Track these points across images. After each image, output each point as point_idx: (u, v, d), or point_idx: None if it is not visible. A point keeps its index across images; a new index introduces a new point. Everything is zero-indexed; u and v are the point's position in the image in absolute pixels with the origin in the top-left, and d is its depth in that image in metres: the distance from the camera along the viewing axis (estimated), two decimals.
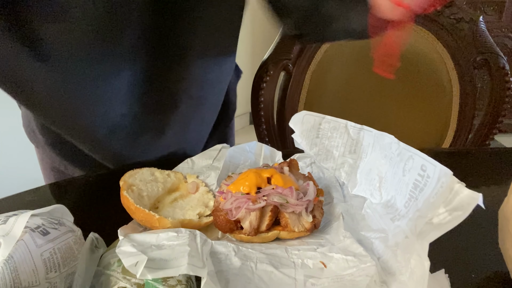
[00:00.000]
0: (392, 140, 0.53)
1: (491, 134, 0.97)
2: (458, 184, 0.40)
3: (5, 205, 0.60)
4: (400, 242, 0.44)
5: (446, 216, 0.39)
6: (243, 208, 0.48)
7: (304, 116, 0.58)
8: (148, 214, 0.48)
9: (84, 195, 0.66)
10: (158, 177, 0.59)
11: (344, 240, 0.47)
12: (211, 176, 0.62)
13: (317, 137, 0.59)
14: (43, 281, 0.36)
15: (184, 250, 0.39)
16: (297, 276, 0.42)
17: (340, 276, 0.42)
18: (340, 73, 1.04)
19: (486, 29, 0.94)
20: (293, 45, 0.97)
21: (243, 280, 0.41)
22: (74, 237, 0.41)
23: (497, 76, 0.93)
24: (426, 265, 0.38)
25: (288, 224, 0.49)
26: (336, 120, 0.58)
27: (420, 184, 0.45)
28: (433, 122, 1.03)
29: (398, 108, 1.04)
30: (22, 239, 0.35)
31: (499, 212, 0.46)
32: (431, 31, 0.97)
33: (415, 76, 1.01)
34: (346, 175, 0.58)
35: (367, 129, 0.57)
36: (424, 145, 1.02)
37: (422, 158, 0.46)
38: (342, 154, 0.58)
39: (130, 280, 0.38)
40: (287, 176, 0.54)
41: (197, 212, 0.54)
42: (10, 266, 0.34)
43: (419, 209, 0.44)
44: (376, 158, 0.55)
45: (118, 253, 0.39)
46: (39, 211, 0.40)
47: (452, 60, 0.97)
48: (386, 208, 0.51)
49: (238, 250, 0.45)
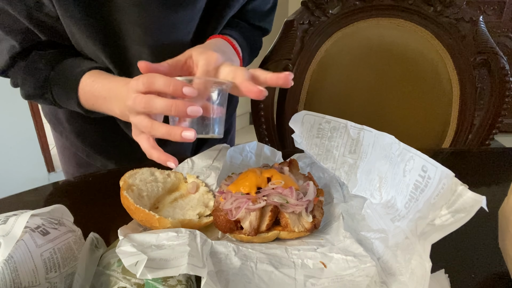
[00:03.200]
0: (393, 140, 0.53)
1: (491, 134, 0.97)
2: (461, 186, 0.40)
3: (5, 205, 0.60)
4: (400, 242, 0.44)
5: (449, 218, 0.39)
6: (243, 208, 0.48)
7: (304, 116, 0.58)
8: (148, 214, 0.48)
9: (84, 195, 0.66)
10: (158, 177, 0.59)
11: (344, 240, 0.47)
12: (211, 176, 0.62)
13: (317, 137, 0.59)
14: (43, 281, 0.36)
15: (184, 250, 0.39)
16: (297, 276, 0.42)
17: (340, 276, 0.42)
18: (340, 73, 1.03)
19: (486, 29, 0.94)
20: (293, 45, 0.97)
21: (243, 280, 0.41)
22: (74, 237, 0.41)
23: (497, 76, 0.93)
24: (427, 266, 0.38)
25: (288, 224, 0.49)
26: (336, 120, 0.58)
27: (421, 185, 0.45)
28: (433, 122, 1.03)
29: (398, 108, 1.04)
30: (22, 239, 0.35)
31: (499, 212, 0.46)
32: (431, 31, 0.97)
33: (415, 76, 1.01)
34: (346, 175, 0.58)
35: (367, 129, 0.57)
36: (424, 145, 1.02)
37: (423, 159, 0.46)
38: (342, 154, 0.58)
39: (130, 280, 0.38)
40: (287, 176, 0.54)
41: (197, 212, 0.54)
42: (10, 266, 0.34)
43: (420, 210, 0.44)
44: (376, 158, 0.55)
45: (118, 253, 0.39)
46: (39, 211, 0.39)
47: (452, 60, 0.97)
48: (386, 208, 0.51)
49: (238, 250, 0.45)
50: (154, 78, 0.46)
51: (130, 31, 0.61)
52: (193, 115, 0.45)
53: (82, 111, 0.62)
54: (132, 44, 0.63)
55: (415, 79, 1.02)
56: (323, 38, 1.00)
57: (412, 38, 0.99)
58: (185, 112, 0.44)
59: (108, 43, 0.62)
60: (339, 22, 0.99)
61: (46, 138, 2.02)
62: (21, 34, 0.61)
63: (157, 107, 0.45)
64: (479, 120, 0.98)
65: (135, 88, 0.47)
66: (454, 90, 0.99)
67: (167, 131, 0.46)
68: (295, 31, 0.96)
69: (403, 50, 1.00)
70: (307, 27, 0.97)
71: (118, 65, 0.65)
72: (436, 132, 1.04)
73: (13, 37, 0.60)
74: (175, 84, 0.45)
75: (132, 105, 0.47)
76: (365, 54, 1.02)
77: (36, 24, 0.59)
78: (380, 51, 1.01)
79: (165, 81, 0.45)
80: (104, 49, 0.62)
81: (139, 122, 0.47)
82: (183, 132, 0.45)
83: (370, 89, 1.05)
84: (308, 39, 0.98)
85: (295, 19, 0.96)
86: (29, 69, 0.63)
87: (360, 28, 1.00)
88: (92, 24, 0.59)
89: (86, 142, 0.80)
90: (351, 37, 1.01)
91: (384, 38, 1.00)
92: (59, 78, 0.61)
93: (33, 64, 0.62)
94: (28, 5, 0.56)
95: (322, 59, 1.02)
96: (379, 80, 1.03)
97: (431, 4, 0.94)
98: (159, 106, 0.45)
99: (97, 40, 0.61)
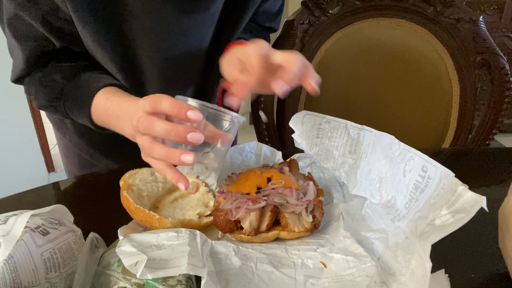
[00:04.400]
0: (393, 140, 0.53)
1: (491, 134, 0.97)
2: (461, 186, 0.40)
3: (5, 205, 0.60)
4: (400, 242, 0.44)
5: (449, 218, 0.39)
6: (243, 208, 0.48)
7: (304, 116, 0.58)
8: (148, 214, 0.48)
9: (84, 195, 0.66)
10: (158, 177, 0.59)
11: (344, 240, 0.47)
12: (211, 176, 0.62)
13: (317, 137, 0.59)
14: (43, 281, 0.36)
15: (184, 250, 0.39)
16: (297, 276, 0.42)
17: (340, 276, 0.42)
18: (340, 73, 1.03)
19: (486, 29, 0.94)
20: (293, 45, 0.97)
21: (243, 280, 0.41)
22: (74, 237, 0.41)
23: (497, 76, 0.93)
24: (427, 266, 0.38)
25: (288, 224, 0.49)
26: (336, 120, 0.58)
27: (421, 185, 0.45)
28: (433, 122, 1.03)
29: (398, 108, 1.04)
30: (22, 239, 0.35)
31: (499, 212, 0.46)
32: (431, 31, 0.97)
33: (415, 76, 1.01)
34: (346, 175, 0.58)
35: (367, 129, 0.57)
36: (424, 145, 1.01)
37: (423, 159, 0.46)
38: (342, 154, 0.58)
39: (130, 280, 0.38)
40: (287, 176, 0.54)
41: (197, 212, 0.54)
42: (10, 266, 0.34)
43: (420, 210, 0.44)
44: (377, 158, 0.55)
45: (118, 253, 0.39)
46: (39, 211, 0.39)
47: (452, 60, 0.97)
48: (386, 208, 0.51)
49: (238, 250, 0.45)
50: (161, 99, 0.45)
51: (141, 38, 0.61)
52: (194, 142, 0.43)
53: (93, 126, 0.61)
54: (143, 51, 0.63)
55: (415, 79, 1.02)
56: (323, 38, 1.00)
57: (412, 38, 0.99)
58: (185, 138, 0.43)
59: (117, 50, 0.61)
60: (339, 22, 0.99)
61: (46, 138, 2.02)
62: (37, 41, 0.60)
63: (157, 130, 0.44)
64: (479, 120, 0.98)
65: (142, 108, 0.46)
66: (454, 90, 0.99)
67: (166, 153, 0.44)
68: (295, 31, 0.96)
69: (403, 50, 1.00)
70: (307, 27, 0.97)
71: (128, 74, 0.65)
72: (436, 132, 1.04)
73: (29, 44, 0.60)
74: (180, 107, 0.43)
75: (136, 125, 0.46)
76: (365, 54, 1.02)
77: (51, 29, 0.58)
78: (380, 51, 1.01)
79: (171, 103, 0.44)
80: (114, 57, 0.62)
81: (142, 143, 0.46)
82: (182, 156, 0.43)
83: (370, 89, 1.05)
84: (308, 39, 0.98)
85: (295, 19, 0.96)
86: (45, 80, 0.62)
87: (360, 28, 1.00)
88: (102, 29, 0.58)
89: (90, 143, 0.80)
90: (351, 37, 1.01)
91: (384, 38, 1.00)
92: (73, 92, 0.61)
93: (49, 76, 0.62)
94: (43, 9, 0.56)
95: (322, 59, 1.02)
96: (379, 80, 1.03)
97: (431, 4, 0.94)
98: (159, 130, 0.44)
99: (106, 47, 0.60)
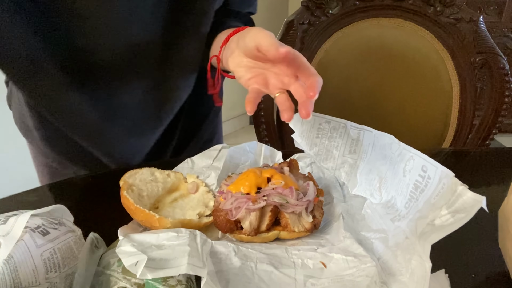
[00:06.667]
0: (392, 140, 0.53)
1: (491, 134, 0.97)
2: (461, 186, 0.40)
3: (5, 205, 0.60)
4: (400, 242, 0.44)
5: (449, 218, 0.39)
6: (243, 208, 0.48)
7: None
8: (148, 214, 0.48)
9: (84, 195, 0.66)
10: (158, 177, 0.59)
11: (344, 240, 0.47)
12: (211, 176, 0.62)
13: (317, 137, 0.59)
14: (43, 281, 0.36)
15: (184, 250, 0.39)
16: (297, 276, 0.42)
17: (340, 276, 0.42)
18: (340, 73, 1.03)
19: (486, 29, 0.94)
20: (293, 45, 0.97)
21: (243, 280, 0.41)
22: (74, 237, 0.41)
23: (497, 76, 0.93)
24: (427, 266, 0.38)
25: (288, 224, 0.49)
26: (336, 120, 0.58)
27: (421, 185, 0.45)
28: (433, 122, 1.03)
29: (398, 108, 1.04)
30: (22, 239, 0.35)
31: (499, 212, 0.46)
32: (431, 31, 0.97)
33: (415, 76, 1.01)
34: (346, 175, 0.58)
35: (367, 129, 0.57)
36: (424, 145, 1.01)
37: (423, 159, 0.46)
38: (342, 154, 0.58)
39: (130, 280, 0.38)
40: (287, 176, 0.54)
41: (197, 212, 0.54)
42: (10, 266, 0.34)
43: (420, 210, 0.44)
44: (376, 158, 0.55)
45: (118, 253, 0.39)
46: (39, 211, 0.39)
47: (452, 60, 0.97)
48: (386, 208, 0.51)
49: (238, 250, 0.45)
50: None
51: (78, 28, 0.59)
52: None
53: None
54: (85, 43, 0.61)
55: (415, 79, 1.02)
56: (323, 38, 1.00)
57: (412, 38, 0.99)
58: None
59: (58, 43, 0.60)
60: (339, 22, 0.99)
61: None
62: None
63: None
64: (479, 120, 0.98)
65: None
66: (454, 90, 0.99)
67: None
68: (295, 31, 0.96)
69: (403, 50, 1.00)
70: (307, 27, 0.97)
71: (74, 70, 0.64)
72: (436, 132, 1.04)
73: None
74: None
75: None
76: (365, 54, 1.02)
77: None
78: (380, 51, 1.01)
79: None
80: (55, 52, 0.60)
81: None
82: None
83: (370, 89, 1.05)
84: (308, 39, 0.98)
85: (295, 19, 0.96)
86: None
87: (360, 28, 1.00)
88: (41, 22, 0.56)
89: (56, 150, 0.77)
90: (351, 37, 1.01)
91: (384, 38, 1.00)
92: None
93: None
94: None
95: (322, 59, 1.02)
96: (379, 80, 1.03)
97: (431, 4, 0.94)
98: None
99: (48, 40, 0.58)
